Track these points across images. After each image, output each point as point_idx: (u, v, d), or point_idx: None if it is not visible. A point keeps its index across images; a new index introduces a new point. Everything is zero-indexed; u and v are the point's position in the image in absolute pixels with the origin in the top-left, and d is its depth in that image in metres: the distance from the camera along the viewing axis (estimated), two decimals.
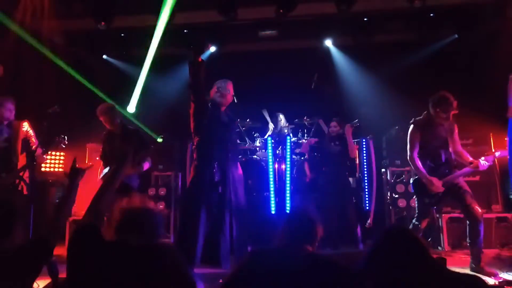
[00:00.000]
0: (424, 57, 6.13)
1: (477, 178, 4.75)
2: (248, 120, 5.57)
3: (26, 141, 3.94)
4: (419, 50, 6.14)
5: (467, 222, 3.41)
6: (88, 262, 1.55)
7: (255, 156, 5.54)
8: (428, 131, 3.54)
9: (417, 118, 3.63)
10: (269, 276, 1.57)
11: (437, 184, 3.42)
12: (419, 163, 3.52)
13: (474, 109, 4.84)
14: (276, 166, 5.22)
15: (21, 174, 3.79)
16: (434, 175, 3.47)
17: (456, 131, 3.59)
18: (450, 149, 3.59)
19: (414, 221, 3.58)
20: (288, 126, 5.78)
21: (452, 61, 5.94)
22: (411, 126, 3.62)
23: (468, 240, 3.41)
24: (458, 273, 1.50)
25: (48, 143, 3.90)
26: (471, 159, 3.51)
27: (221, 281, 2.85)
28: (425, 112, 3.61)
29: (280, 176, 5.31)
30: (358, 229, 4.79)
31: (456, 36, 6.07)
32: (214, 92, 3.64)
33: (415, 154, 3.55)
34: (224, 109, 3.67)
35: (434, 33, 6.00)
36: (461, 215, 4.38)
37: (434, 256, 1.55)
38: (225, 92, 3.60)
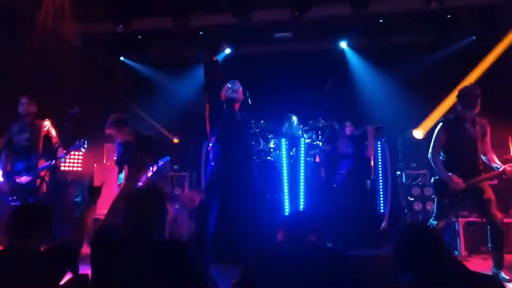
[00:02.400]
0: (441, 59, 6.05)
1: (495, 181, 4.66)
2: (262, 122, 5.59)
3: (48, 140, 4.04)
4: (436, 52, 6.07)
5: (488, 227, 3.34)
6: (109, 260, 1.60)
7: (269, 157, 5.56)
8: (456, 130, 3.44)
9: (448, 117, 3.56)
10: (278, 270, 1.61)
11: (457, 181, 3.32)
12: (439, 160, 3.46)
13: (493, 112, 4.74)
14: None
15: (41, 173, 3.90)
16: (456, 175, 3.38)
17: (489, 132, 3.50)
18: (479, 151, 3.49)
19: (431, 220, 3.52)
20: (301, 127, 5.79)
21: (470, 63, 5.85)
22: (440, 123, 3.54)
23: (489, 245, 3.35)
24: (476, 272, 1.52)
25: (69, 144, 3.99)
26: (498, 163, 3.43)
27: (234, 280, 2.89)
28: (456, 111, 3.52)
29: (293, 178, 5.31)
30: (372, 232, 4.77)
31: (474, 37, 5.98)
32: (226, 90, 3.67)
33: (436, 152, 3.48)
34: (238, 108, 3.70)
35: (452, 35, 5.92)
36: (478, 219, 4.31)
37: None
38: (237, 88, 3.67)
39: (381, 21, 5.74)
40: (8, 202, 3.83)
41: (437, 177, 3.51)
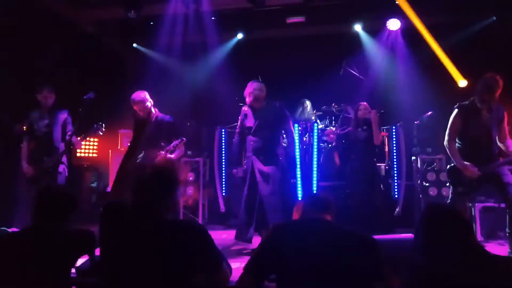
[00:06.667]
0: (459, 41, 5.87)
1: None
2: None
3: (64, 128, 4.13)
4: (454, 33, 5.89)
5: (507, 211, 3.29)
6: (117, 238, 1.61)
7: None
8: (471, 117, 3.39)
9: (462, 103, 3.48)
10: (290, 247, 1.63)
11: (472, 169, 3.28)
12: (455, 148, 3.42)
13: None
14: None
15: (60, 158, 4.01)
16: (471, 163, 3.33)
17: (506, 119, 3.42)
18: (496, 138, 3.42)
19: None
20: (315, 113, 5.73)
21: (490, 45, 5.66)
22: (455, 110, 3.48)
23: (507, 230, 3.29)
24: (497, 255, 1.52)
25: (85, 129, 4.07)
26: None
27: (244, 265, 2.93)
28: (471, 98, 3.45)
29: (306, 163, 5.30)
30: (386, 217, 4.74)
31: (495, 18, 5.78)
32: (250, 92, 3.88)
33: (452, 139, 3.44)
34: (260, 108, 3.89)
35: (471, 16, 5.74)
36: (495, 205, 4.25)
37: None
38: (258, 89, 3.87)
39: (397, 2, 5.59)
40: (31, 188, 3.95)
41: (452, 165, 3.48)
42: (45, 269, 1.77)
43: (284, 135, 4.44)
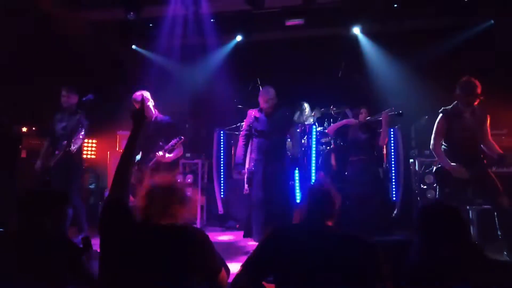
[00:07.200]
0: (457, 44, 5.89)
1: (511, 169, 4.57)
2: None
3: (77, 130, 4.15)
4: (452, 37, 5.92)
5: (495, 213, 3.32)
6: (117, 238, 1.61)
7: None
8: (455, 121, 3.48)
9: (446, 107, 3.58)
10: (290, 250, 1.63)
11: (460, 170, 3.35)
12: (441, 151, 3.50)
13: (510, 98, 4.66)
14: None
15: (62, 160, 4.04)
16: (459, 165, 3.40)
17: (488, 122, 3.50)
18: (480, 140, 3.49)
19: None
20: (313, 115, 5.74)
21: (487, 48, 5.69)
22: (439, 114, 3.60)
23: (499, 232, 3.32)
24: (498, 259, 1.53)
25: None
26: (499, 151, 3.42)
27: (240, 268, 2.93)
28: (454, 102, 3.56)
29: (305, 165, 5.30)
30: (384, 220, 4.75)
31: (492, 22, 5.81)
32: (263, 100, 4.13)
33: (438, 143, 3.54)
34: (273, 113, 4.16)
35: (469, 19, 5.76)
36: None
37: None
38: (269, 97, 4.14)
39: (395, 5, 5.61)
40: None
41: (439, 166, 3.56)
42: (36, 271, 1.75)
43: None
